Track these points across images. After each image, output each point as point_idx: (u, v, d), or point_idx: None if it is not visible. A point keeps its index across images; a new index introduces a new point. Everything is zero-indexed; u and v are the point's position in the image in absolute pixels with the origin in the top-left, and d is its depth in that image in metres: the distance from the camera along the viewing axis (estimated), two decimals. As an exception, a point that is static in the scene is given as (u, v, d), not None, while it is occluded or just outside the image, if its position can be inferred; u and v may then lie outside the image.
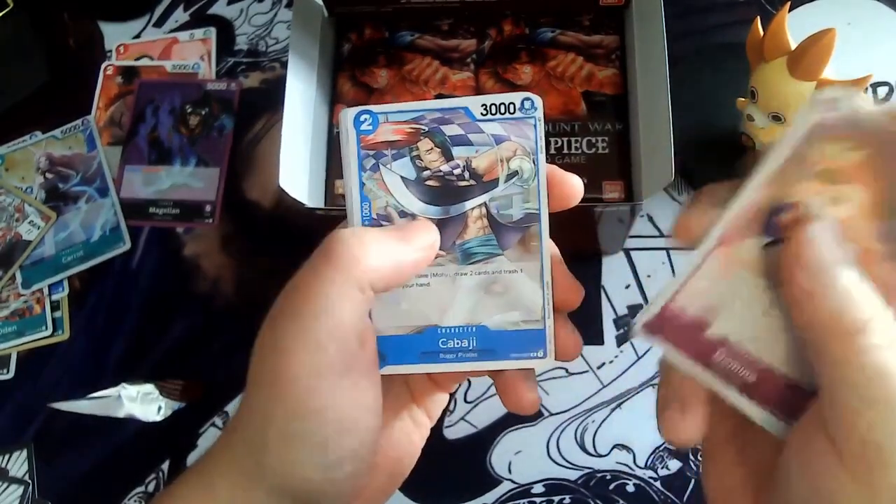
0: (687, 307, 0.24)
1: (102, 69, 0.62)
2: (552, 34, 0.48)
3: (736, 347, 0.24)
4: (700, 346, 0.24)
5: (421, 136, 0.27)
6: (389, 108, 0.27)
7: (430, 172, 0.27)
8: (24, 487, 0.51)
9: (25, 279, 0.56)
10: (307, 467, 0.24)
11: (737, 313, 0.24)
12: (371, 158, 0.28)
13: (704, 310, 0.24)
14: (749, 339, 0.24)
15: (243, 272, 0.54)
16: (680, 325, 0.24)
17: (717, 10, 0.56)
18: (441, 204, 0.28)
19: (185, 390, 0.51)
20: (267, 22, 0.61)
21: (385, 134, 0.27)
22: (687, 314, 0.24)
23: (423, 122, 0.27)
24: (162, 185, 0.57)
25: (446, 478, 0.47)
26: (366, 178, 0.28)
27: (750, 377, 0.24)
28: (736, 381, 0.24)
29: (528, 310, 0.27)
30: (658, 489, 0.45)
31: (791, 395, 0.24)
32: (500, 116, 0.27)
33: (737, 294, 0.24)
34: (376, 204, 0.28)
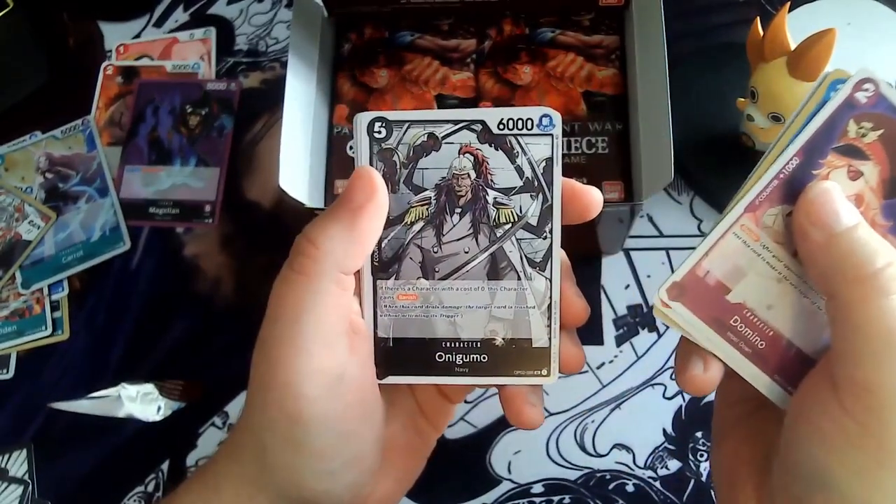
0: (712, 271, 0.25)
1: (102, 69, 0.62)
2: (552, 34, 0.48)
3: (751, 313, 0.25)
4: (719, 310, 0.25)
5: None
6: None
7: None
8: (23, 487, 0.51)
9: (25, 279, 0.56)
10: (308, 475, 0.25)
11: (756, 279, 0.25)
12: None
13: (727, 275, 0.25)
14: (764, 305, 0.25)
15: (243, 272, 0.54)
16: (703, 288, 0.25)
17: (717, 10, 0.56)
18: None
19: (184, 390, 0.51)
20: (267, 22, 0.61)
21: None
22: (710, 278, 0.25)
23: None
24: (162, 185, 0.57)
25: (446, 478, 0.47)
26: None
27: (760, 344, 0.25)
28: (747, 347, 0.25)
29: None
30: (658, 489, 0.45)
31: (797, 363, 0.25)
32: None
33: (759, 260, 0.25)
34: None
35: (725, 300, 0.25)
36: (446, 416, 0.32)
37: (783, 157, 0.24)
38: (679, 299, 0.25)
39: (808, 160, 0.24)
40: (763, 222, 0.25)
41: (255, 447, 0.25)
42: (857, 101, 0.24)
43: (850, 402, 0.21)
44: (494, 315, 0.28)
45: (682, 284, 0.25)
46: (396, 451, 0.29)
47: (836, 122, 0.24)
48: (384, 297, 0.28)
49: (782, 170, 0.24)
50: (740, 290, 0.25)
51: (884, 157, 0.24)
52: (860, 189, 0.24)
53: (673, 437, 0.46)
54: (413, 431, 0.31)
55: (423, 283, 0.27)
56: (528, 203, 0.27)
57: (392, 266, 0.28)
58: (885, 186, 0.24)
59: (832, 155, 0.24)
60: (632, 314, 0.49)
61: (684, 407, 0.47)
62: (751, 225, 0.25)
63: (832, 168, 0.24)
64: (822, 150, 0.24)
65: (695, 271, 0.25)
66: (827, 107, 0.24)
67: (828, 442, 0.22)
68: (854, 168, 0.24)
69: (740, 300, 0.25)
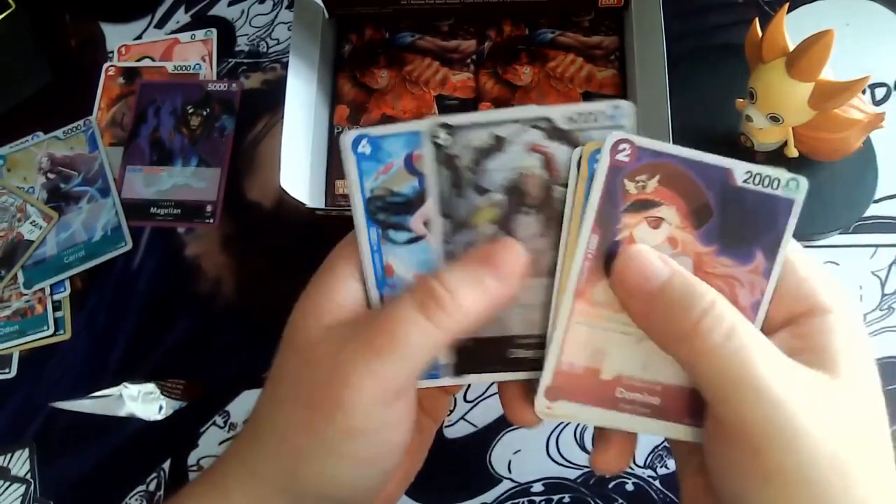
0: (575, 361, 0.26)
1: (104, 70, 0.62)
2: (552, 35, 0.48)
3: (631, 380, 0.26)
4: (600, 390, 0.26)
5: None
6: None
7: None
8: (25, 486, 0.51)
9: (27, 279, 0.56)
10: (345, 480, 0.25)
11: (618, 351, 0.25)
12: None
13: (591, 358, 0.26)
14: (638, 368, 0.25)
15: (244, 272, 0.55)
16: (575, 379, 0.26)
17: (717, 10, 0.56)
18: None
19: (186, 390, 0.51)
20: (268, 23, 0.62)
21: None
22: (577, 368, 0.26)
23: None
24: (163, 185, 0.57)
25: (446, 477, 0.47)
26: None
27: (654, 401, 0.26)
28: (644, 409, 0.26)
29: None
30: (657, 488, 0.45)
31: (696, 401, 0.25)
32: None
33: (611, 335, 0.25)
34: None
35: (602, 380, 0.26)
36: (444, 407, 0.32)
37: (582, 239, 0.25)
38: (559, 398, 0.26)
39: (607, 232, 0.25)
40: (595, 300, 0.25)
41: (282, 454, 0.25)
42: (620, 162, 0.24)
43: (738, 440, 0.22)
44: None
45: (556, 386, 0.26)
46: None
47: (611, 190, 0.24)
48: None
49: (587, 251, 0.25)
50: (609, 366, 0.25)
51: (674, 196, 0.25)
52: (669, 232, 0.25)
53: (672, 436, 0.46)
54: (415, 427, 0.31)
55: None
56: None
57: None
58: (692, 219, 0.25)
59: (626, 217, 0.25)
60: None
61: (684, 406, 0.47)
62: (586, 308, 0.25)
63: (631, 227, 0.25)
64: (614, 217, 0.25)
65: (560, 369, 0.26)
66: (595, 182, 0.24)
67: (739, 474, 0.22)
68: (652, 216, 0.25)
69: (614, 374, 0.25)
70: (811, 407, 0.21)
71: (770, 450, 0.21)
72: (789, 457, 0.21)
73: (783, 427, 0.21)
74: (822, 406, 0.22)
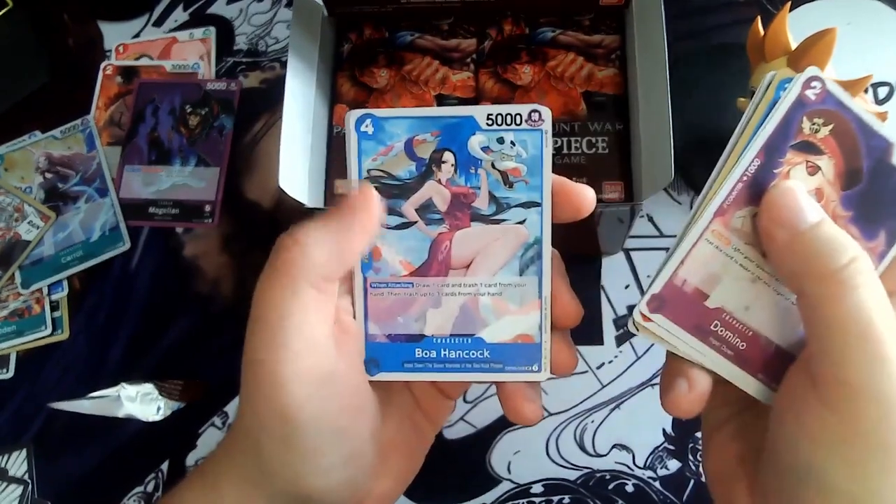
0: (688, 279, 0.25)
1: (102, 69, 0.62)
2: (552, 34, 0.48)
3: (731, 316, 0.25)
4: (699, 317, 0.26)
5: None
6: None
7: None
8: (23, 487, 0.51)
9: (25, 279, 0.56)
10: (304, 473, 0.25)
11: (732, 283, 0.25)
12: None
13: (703, 281, 0.25)
14: (742, 307, 0.25)
15: (243, 272, 0.54)
16: (681, 297, 0.25)
17: (717, 10, 0.56)
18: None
19: (184, 390, 0.51)
20: (266, 21, 0.61)
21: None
22: (688, 286, 0.25)
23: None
24: (162, 185, 0.57)
25: (446, 478, 0.47)
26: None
27: (741, 345, 0.25)
28: (729, 350, 0.25)
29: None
30: (657, 489, 0.45)
31: (778, 360, 0.25)
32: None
33: (732, 264, 0.25)
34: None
35: (705, 306, 0.25)
36: (444, 412, 0.32)
37: (745, 159, 0.25)
38: (659, 311, 0.26)
39: (769, 160, 0.25)
40: (732, 225, 0.25)
41: (250, 447, 0.25)
42: (808, 98, 0.25)
43: (830, 397, 0.22)
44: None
45: (661, 296, 0.25)
46: (394, 448, 0.29)
47: (790, 120, 0.25)
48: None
49: (745, 172, 0.25)
50: (718, 295, 0.25)
51: (837, 151, 0.25)
52: (819, 183, 0.25)
53: (672, 437, 0.46)
54: (411, 428, 0.31)
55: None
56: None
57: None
58: (841, 179, 0.25)
59: (791, 152, 0.25)
60: (632, 314, 0.49)
61: (684, 407, 0.47)
62: (721, 229, 0.25)
63: (792, 165, 0.25)
64: (781, 148, 0.25)
65: (672, 281, 0.25)
66: (780, 106, 0.25)
67: (813, 437, 0.22)
68: (812, 163, 0.25)
69: (719, 304, 0.25)
70: None
71: (863, 407, 0.21)
72: (881, 418, 0.21)
73: (886, 389, 0.21)
74: None
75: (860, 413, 0.21)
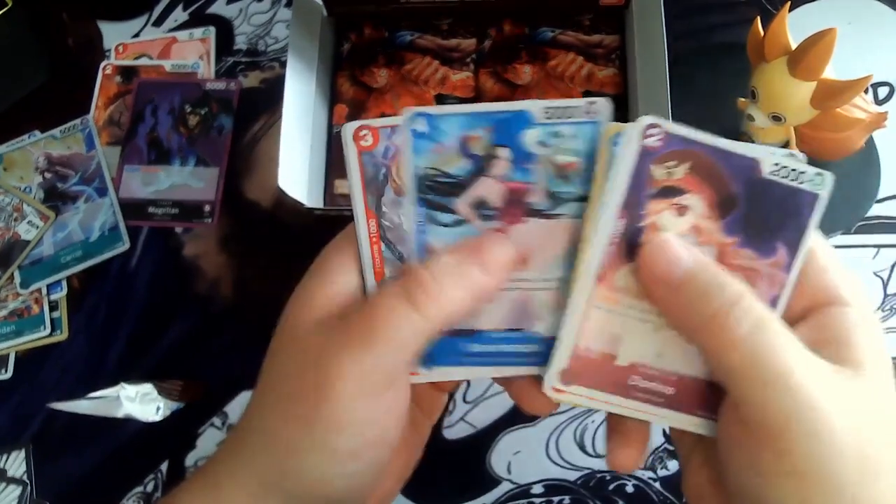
0: (590, 346, 0.25)
1: (101, 68, 0.62)
2: (552, 34, 0.48)
3: (646, 368, 0.25)
4: (614, 377, 0.25)
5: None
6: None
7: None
8: (22, 487, 0.51)
9: (24, 279, 0.56)
10: (332, 475, 0.24)
11: (636, 337, 0.25)
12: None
13: (607, 344, 0.25)
14: (654, 356, 0.25)
15: (242, 272, 0.54)
16: (590, 364, 0.25)
17: (717, 10, 0.56)
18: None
19: (184, 390, 0.51)
20: (266, 21, 0.61)
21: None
22: (593, 353, 0.25)
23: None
24: (161, 184, 0.57)
25: (446, 478, 0.46)
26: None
27: (668, 390, 0.25)
28: (658, 398, 0.25)
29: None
30: (657, 490, 0.45)
31: (711, 393, 0.25)
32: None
33: (629, 321, 0.25)
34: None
35: (617, 366, 0.25)
36: (439, 405, 0.32)
37: (607, 223, 0.24)
38: (573, 382, 0.25)
39: (632, 216, 0.24)
40: (616, 285, 0.25)
41: (270, 449, 0.25)
42: (650, 147, 0.24)
43: (761, 438, 0.22)
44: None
45: (570, 369, 0.25)
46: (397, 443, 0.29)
47: (639, 173, 0.24)
48: None
49: (612, 235, 0.24)
50: (626, 353, 0.25)
51: (701, 185, 0.24)
52: (694, 221, 0.24)
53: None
54: (409, 424, 0.31)
55: None
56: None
57: None
58: (717, 209, 0.24)
59: (652, 202, 0.24)
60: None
61: (684, 407, 0.47)
62: (607, 293, 0.25)
63: (657, 213, 0.24)
64: (640, 202, 0.24)
65: (576, 353, 0.25)
66: (623, 164, 0.24)
67: (758, 471, 0.22)
68: (678, 204, 0.24)
69: (630, 361, 0.25)
70: (836, 402, 0.21)
71: (792, 443, 0.21)
72: (812, 450, 0.21)
73: (807, 420, 0.21)
74: (846, 401, 0.22)
75: (792, 450, 0.21)
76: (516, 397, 0.28)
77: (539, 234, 0.27)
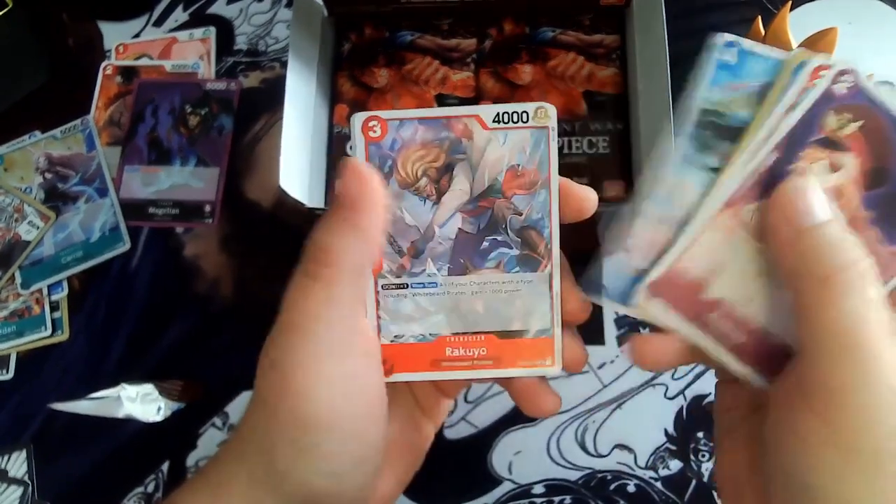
0: (689, 269, 0.25)
1: (102, 69, 0.62)
2: (553, 34, 0.48)
3: (730, 309, 0.25)
4: (697, 307, 0.25)
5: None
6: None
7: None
8: (23, 488, 0.50)
9: (25, 279, 0.56)
10: (318, 476, 0.25)
11: (734, 276, 0.25)
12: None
13: (705, 271, 0.25)
14: (743, 301, 0.25)
15: (243, 272, 0.54)
16: (680, 286, 0.25)
17: (718, 9, 0.56)
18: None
19: (184, 390, 0.51)
20: (267, 21, 0.61)
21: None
22: (688, 276, 0.25)
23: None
24: (161, 185, 0.57)
25: (446, 478, 0.46)
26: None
27: (740, 338, 0.25)
28: (727, 341, 0.25)
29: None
30: (659, 490, 0.45)
31: (778, 355, 0.25)
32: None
33: (735, 256, 0.25)
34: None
35: (704, 296, 0.25)
36: (444, 410, 0.32)
37: (761, 153, 0.24)
38: (657, 296, 0.25)
39: (788, 154, 0.24)
40: (742, 218, 0.24)
41: (262, 451, 0.25)
42: (836, 92, 0.23)
43: (817, 402, 0.21)
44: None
45: (661, 281, 0.25)
46: (397, 448, 0.29)
47: (814, 114, 0.24)
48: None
49: (760, 166, 0.24)
50: (719, 287, 0.25)
51: (864, 149, 0.24)
52: (840, 181, 0.24)
53: (674, 437, 0.46)
54: (412, 428, 0.31)
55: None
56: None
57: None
58: (865, 178, 0.24)
59: (811, 148, 0.24)
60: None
61: (685, 407, 0.47)
62: (728, 221, 0.24)
63: (812, 160, 0.24)
64: (802, 143, 0.24)
65: (674, 268, 0.25)
66: (805, 100, 0.24)
67: (805, 445, 0.22)
68: (834, 160, 0.24)
69: (720, 296, 0.25)
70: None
71: (847, 415, 0.21)
72: (863, 426, 0.21)
73: (869, 395, 0.21)
74: None
75: (846, 420, 0.21)
76: (517, 398, 0.28)
77: None
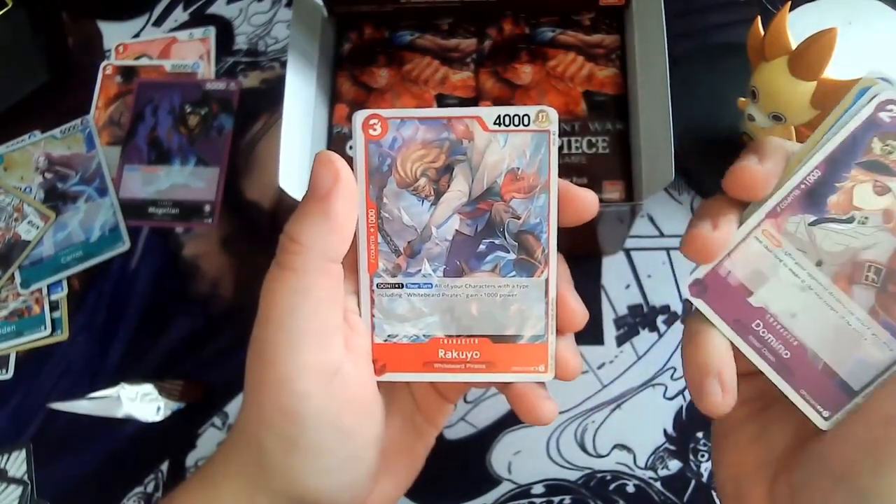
0: (733, 272, 0.25)
1: (101, 69, 0.62)
2: (552, 34, 0.48)
3: (774, 319, 0.25)
4: (741, 312, 0.25)
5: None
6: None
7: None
8: (22, 488, 0.50)
9: (24, 279, 0.56)
10: (304, 473, 0.24)
11: (779, 286, 0.25)
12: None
13: (749, 277, 0.25)
14: (787, 312, 0.25)
15: (243, 272, 0.54)
16: (724, 288, 0.25)
17: (718, 10, 0.56)
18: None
19: (184, 390, 0.51)
20: (266, 21, 0.61)
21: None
22: (732, 279, 0.25)
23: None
24: (161, 184, 0.57)
25: (446, 478, 0.46)
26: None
27: (785, 353, 0.25)
28: (771, 355, 0.25)
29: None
30: (658, 490, 0.45)
31: (825, 379, 0.24)
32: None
33: (781, 267, 0.25)
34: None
35: (748, 302, 0.25)
36: (444, 414, 0.32)
37: (806, 167, 0.24)
38: (701, 296, 0.25)
39: (831, 173, 0.24)
40: (785, 229, 0.25)
41: (252, 447, 0.25)
42: (881, 120, 0.24)
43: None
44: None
45: (704, 282, 0.25)
46: (395, 451, 0.29)
47: (858, 138, 0.24)
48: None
49: (804, 179, 0.24)
50: (762, 295, 0.25)
51: None
52: (888, 204, 0.24)
53: (674, 437, 0.46)
54: (412, 431, 0.31)
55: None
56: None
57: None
58: None
59: (856, 169, 0.24)
60: (632, 314, 0.49)
61: (685, 407, 0.47)
62: (772, 230, 0.25)
63: (856, 182, 0.24)
64: (846, 164, 0.24)
65: (717, 270, 0.25)
66: (849, 123, 0.24)
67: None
68: (880, 183, 0.24)
69: (762, 304, 0.25)
70: None
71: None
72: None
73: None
74: None
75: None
76: (513, 404, 0.28)
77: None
